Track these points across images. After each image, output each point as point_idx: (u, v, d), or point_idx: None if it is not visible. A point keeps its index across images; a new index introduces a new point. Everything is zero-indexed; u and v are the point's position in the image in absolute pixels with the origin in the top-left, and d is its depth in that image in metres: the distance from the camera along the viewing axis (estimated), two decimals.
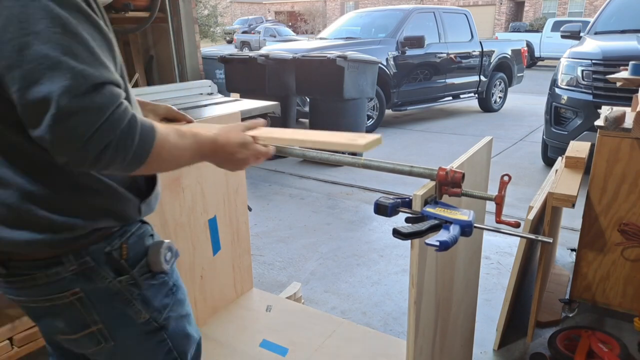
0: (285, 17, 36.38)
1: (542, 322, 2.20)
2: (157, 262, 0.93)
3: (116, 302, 0.90)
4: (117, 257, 0.89)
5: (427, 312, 1.20)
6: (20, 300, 0.90)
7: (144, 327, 0.94)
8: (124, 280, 0.89)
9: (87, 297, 0.87)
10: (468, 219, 0.91)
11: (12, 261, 0.86)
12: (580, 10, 23.35)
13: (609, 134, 2.10)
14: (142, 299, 0.92)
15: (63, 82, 0.66)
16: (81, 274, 0.86)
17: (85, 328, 0.90)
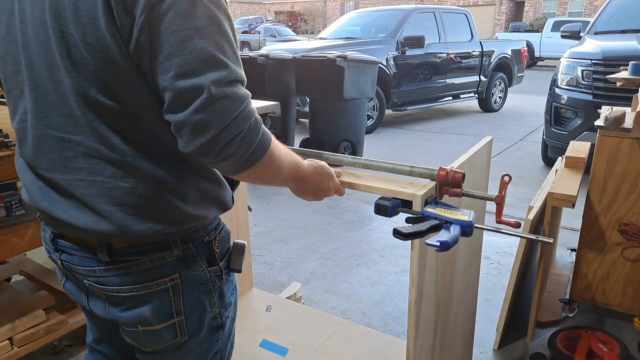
0: (285, 17, 36.39)
1: (542, 322, 2.20)
2: (239, 261, 0.98)
3: (200, 292, 0.93)
4: (213, 248, 0.94)
5: (427, 312, 1.20)
6: (113, 289, 0.89)
7: (212, 322, 0.97)
8: (212, 271, 0.94)
9: (181, 284, 0.90)
10: (468, 219, 0.90)
11: (116, 248, 0.86)
12: (580, 10, 23.36)
13: (609, 134, 2.10)
14: (220, 291, 0.97)
15: (215, 73, 0.73)
16: (183, 260, 0.89)
17: (170, 318, 0.91)
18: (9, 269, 2.27)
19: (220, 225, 0.98)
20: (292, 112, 5.08)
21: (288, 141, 5.07)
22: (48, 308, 1.88)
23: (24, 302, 1.86)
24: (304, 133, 5.50)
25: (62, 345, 2.05)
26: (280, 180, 0.91)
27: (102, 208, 0.82)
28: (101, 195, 0.82)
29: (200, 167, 0.88)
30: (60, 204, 0.86)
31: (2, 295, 1.93)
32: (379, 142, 6.04)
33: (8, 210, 1.59)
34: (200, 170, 0.88)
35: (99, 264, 0.88)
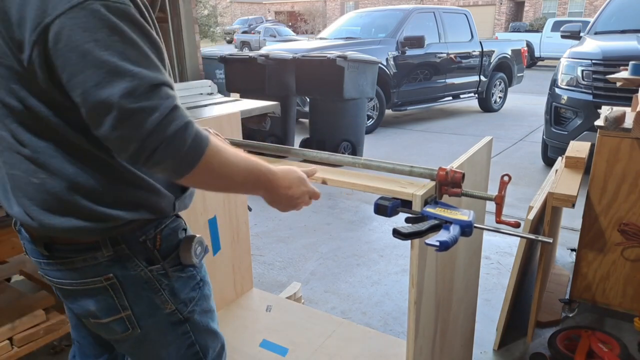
0: (285, 17, 36.38)
1: (542, 322, 2.20)
2: (188, 256, 0.97)
3: (145, 290, 0.93)
4: (150, 247, 0.93)
5: (427, 312, 1.20)
6: (58, 282, 0.94)
7: (170, 317, 0.97)
8: (154, 270, 0.93)
9: (119, 283, 0.91)
10: (468, 219, 0.91)
11: (54, 244, 0.90)
12: (580, 10, 23.35)
13: (609, 134, 2.10)
14: (170, 289, 0.96)
15: (122, 85, 0.71)
16: (116, 260, 0.90)
17: (115, 313, 0.93)
18: (9, 269, 2.27)
19: (164, 223, 0.95)
20: (292, 112, 5.08)
21: (288, 141, 5.08)
22: (48, 308, 1.88)
23: (24, 302, 1.86)
24: (304, 133, 5.50)
25: (62, 345, 2.05)
26: (238, 186, 0.89)
27: (21, 202, 0.87)
28: (19, 189, 0.86)
29: (130, 172, 0.88)
30: (3, 193, 0.91)
31: (2, 295, 1.93)
32: (379, 142, 6.04)
33: None
34: (123, 175, 0.87)
35: (42, 257, 0.93)
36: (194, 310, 1.01)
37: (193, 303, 1.00)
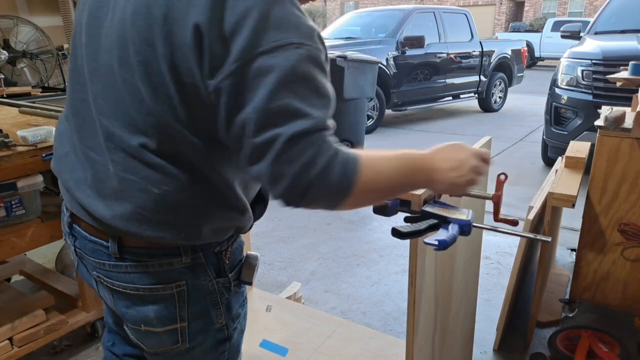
0: None
1: (542, 322, 2.20)
2: (250, 273, 0.96)
3: (207, 302, 0.92)
4: (223, 259, 0.92)
5: (426, 312, 1.20)
6: (121, 285, 0.90)
7: (217, 334, 0.96)
8: (220, 282, 0.92)
9: (187, 291, 0.90)
10: (467, 218, 0.90)
11: (125, 246, 0.87)
12: (580, 10, 23.35)
13: (609, 134, 2.10)
14: (227, 303, 0.95)
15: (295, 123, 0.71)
16: (191, 268, 0.89)
17: (172, 323, 0.91)
18: (9, 269, 2.28)
19: (234, 236, 0.96)
20: None
21: None
22: (48, 308, 1.88)
23: (24, 302, 1.86)
24: None
25: (62, 345, 2.05)
26: (397, 189, 0.83)
27: (124, 205, 0.83)
28: (124, 192, 0.83)
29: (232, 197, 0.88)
30: (84, 186, 0.87)
31: (2, 295, 1.94)
32: (379, 142, 6.04)
33: (8, 210, 1.59)
34: (231, 199, 0.88)
35: (109, 259, 0.89)
36: (237, 328, 1.01)
37: (238, 320, 1.00)
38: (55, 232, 1.71)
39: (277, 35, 0.71)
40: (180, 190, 0.82)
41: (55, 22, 3.70)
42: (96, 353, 2.01)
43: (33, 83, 3.49)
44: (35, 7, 3.65)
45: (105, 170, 0.84)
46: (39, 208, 1.67)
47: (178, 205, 0.83)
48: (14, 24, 3.40)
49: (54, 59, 3.63)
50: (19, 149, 1.56)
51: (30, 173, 1.59)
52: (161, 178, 0.81)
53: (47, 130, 1.63)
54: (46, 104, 2.21)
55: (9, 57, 3.35)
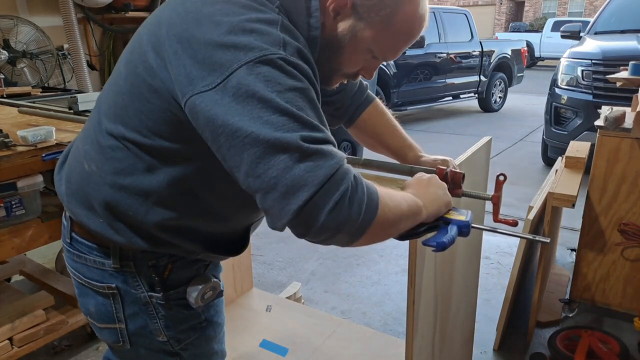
0: None
1: (542, 322, 2.20)
2: (191, 296, 0.91)
3: (143, 313, 0.91)
4: (156, 274, 0.88)
5: (426, 312, 1.20)
6: (72, 272, 0.95)
7: (161, 345, 0.94)
8: (154, 297, 0.89)
9: (120, 296, 0.90)
10: (466, 219, 0.90)
11: (73, 232, 0.92)
12: (580, 10, 23.33)
13: (609, 134, 2.10)
14: (166, 321, 0.91)
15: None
16: (120, 273, 0.88)
17: (110, 322, 0.92)
18: (9, 269, 2.27)
19: (181, 256, 0.90)
20: None
21: None
22: (48, 308, 1.88)
23: (24, 302, 1.86)
24: None
25: (62, 345, 2.05)
26: (402, 228, 0.82)
27: (71, 181, 0.91)
28: (69, 167, 0.91)
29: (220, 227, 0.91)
30: (64, 166, 0.95)
31: (2, 295, 1.94)
32: None
33: (8, 210, 1.59)
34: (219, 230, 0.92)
35: (65, 242, 0.95)
36: (187, 350, 0.96)
37: (188, 342, 0.95)
38: (55, 232, 1.71)
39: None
40: (108, 173, 0.83)
41: (55, 22, 3.70)
42: (96, 353, 2.01)
43: (33, 83, 3.49)
44: (35, 7, 3.65)
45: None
46: (39, 208, 1.67)
47: (99, 187, 0.84)
48: (14, 24, 3.40)
49: (54, 59, 3.63)
50: (19, 149, 1.56)
51: (30, 173, 1.59)
52: (96, 156, 0.85)
53: (47, 130, 1.63)
54: (46, 104, 2.21)
55: (9, 57, 3.35)
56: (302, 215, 0.68)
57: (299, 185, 0.66)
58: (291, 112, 0.68)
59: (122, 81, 0.82)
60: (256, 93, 0.67)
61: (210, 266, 0.96)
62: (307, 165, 0.66)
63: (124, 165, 0.82)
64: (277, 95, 0.68)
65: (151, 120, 0.79)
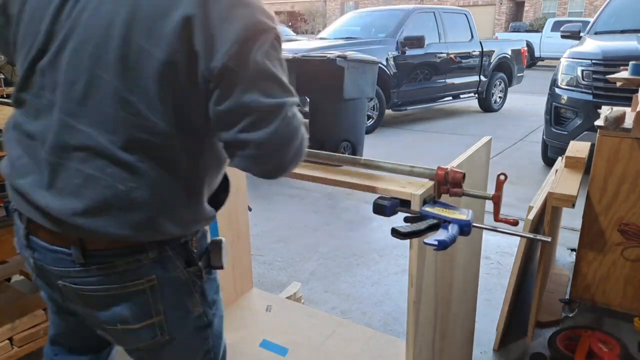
0: (285, 17, 36.37)
1: (542, 322, 2.20)
2: (219, 257, 0.99)
3: (181, 293, 0.94)
4: (190, 249, 0.94)
5: (426, 312, 1.20)
6: (90, 290, 0.89)
7: (196, 321, 0.98)
8: (192, 271, 0.94)
9: (159, 285, 0.90)
10: (466, 219, 0.91)
11: (89, 250, 0.86)
12: (580, 10, 23.33)
13: (609, 134, 2.10)
14: (202, 291, 0.97)
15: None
16: (159, 262, 0.90)
17: (148, 318, 0.92)
18: (9, 269, 2.27)
19: (197, 227, 0.97)
20: None
21: None
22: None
23: (24, 302, 1.86)
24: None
25: None
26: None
27: (86, 200, 0.82)
28: (85, 188, 0.82)
29: (202, 191, 0.92)
30: (40, 189, 0.85)
31: (2, 295, 1.94)
32: (379, 142, 6.04)
33: (8, 210, 1.59)
34: (201, 193, 0.92)
35: (73, 265, 0.87)
36: (215, 314, 1.03)
37: (215, 306, 1.02)
38: None
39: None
40: (147, 187, 0.83)
41: None
42: None
43: None
44: None
45: (67, 169, 0.83)
46: None
47: (144, 202, 0.83)
48: None
49: None
50: None
51: None
52: (128, 175, 0.82)
53: None
54: None
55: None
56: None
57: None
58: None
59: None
60: None
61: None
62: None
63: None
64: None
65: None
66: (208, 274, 0.99)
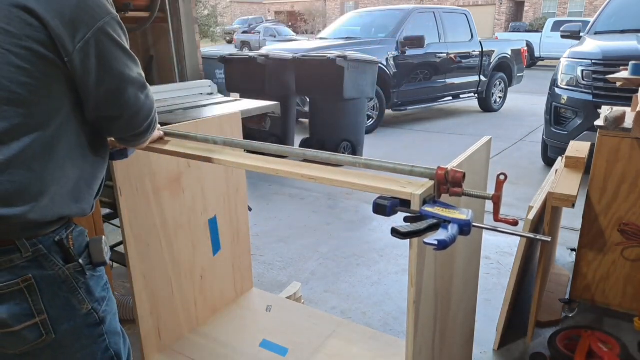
0: (285, 17, 36.36)
1: (542, 322, 2.20)
2: (100, 253, 1.01)
3: (62, 291, 0.95)
4: (66, 245, 0.95)
5: (426, 312, 1.20)
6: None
7: (86, 319, 0.99)
8: (71, 268, 0.96)
9: (36, 284, 0.91)
10: (466, 218, 0.90)
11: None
12: (580, 10, 23.33)
13: (609, 134, 2.10)
14: (86, 287, 0.99)
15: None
16: (34, 261, 0.91)
17: (29, 318, 0.92)
18: None
19: (72, 226, 1.00)
20: (292, 112, 5.08)
21: (288, 141, 5.08)
22: None
23: None
24: (304, 133, 5.50)
25: None
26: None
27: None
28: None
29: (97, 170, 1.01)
30: None
31: None
32: (379, 142, 6.04)
33: None
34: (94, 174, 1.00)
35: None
36: (106, 311, 1.04)
37: (105, 302, 1.04)
38: None
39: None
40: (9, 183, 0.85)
41: None
42: None
43: None
44: None
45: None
46: None
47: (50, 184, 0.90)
48: None
49: None
50: None
51: None
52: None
53: None
54: None
55: None
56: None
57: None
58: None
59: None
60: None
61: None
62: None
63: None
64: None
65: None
66: (92, 271, 1.00)
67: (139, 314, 1.69)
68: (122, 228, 1.59)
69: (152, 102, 1.07)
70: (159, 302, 1.76)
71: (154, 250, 1.70)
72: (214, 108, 2.65)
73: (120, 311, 2.15)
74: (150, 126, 1.09)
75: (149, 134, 1.12)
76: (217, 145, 1.38)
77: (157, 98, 2.81)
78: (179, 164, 1.73)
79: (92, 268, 1.01)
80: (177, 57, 3.75)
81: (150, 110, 1.06)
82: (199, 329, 1.93)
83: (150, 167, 1.63)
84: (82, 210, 1.00)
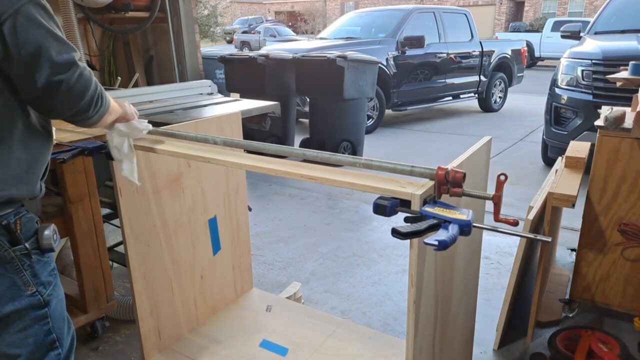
0: (285, 17, 36.36)
1: (542, 322, 2.20)
2: (48, 239, 1.06)
3: (8, 271, 1.00)
4: (13, 229, 1.00)
5: (426, 312, 1.20)
6: None
7: (30, 300, 1.04)
8: (17, 250, 1.01)
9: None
10: (467, 219, 0.90)
11: None
12: (580, 10, 23.34)
13: (609, 134, 2.10)
14: (32, 270, 1.03)
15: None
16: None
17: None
18: None
19: (21, 212, 1.05)
20: (292, 112, 5.08)
21: (288, 141, 5.08)
22: None
23: None
24: (304, 133, 5.50)
25: None
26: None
27: None
28: None
29: (44, 157, 1.08)
30: None
31: None
32: (379, 142, 6.04)
33: None
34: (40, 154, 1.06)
35: None
36: (52, 295, 1.08)
37: (51, 287, 1.08)
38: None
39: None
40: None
41: None
42: (96, 353, 2.01)
43: None
44: None
45: None
46: (39, 208, 1.66)
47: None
48: None
49: None
50: None
51: None
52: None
53: None
54: None
55: None
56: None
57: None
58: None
59: None
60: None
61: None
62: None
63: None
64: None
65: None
66: (38, 255, 1.05)
67: (139, 314, 1.69)
68: (122, 228, 1.59)
69: (87, 81, 1.02)
70: (159, 302, 1.76)
71: (154, 250, 1.70)
72: (214, 108, 2.65)
73: (120, 311, 2.15)
74: (91, 105, 1.05)
75: (93, 112, 1.07)
76: (217, 146, 1.38)
77: (157, 98, 2.80)
78: (179, 164, 1.73)
79: (40, 253, 1.06)
80: (177, 57, 3.75)
81: (84, 89, 1.01)
82: (199, 329, 1.93)
83: (150, 167, 1.63)
84: (32, 192, 1.06)
